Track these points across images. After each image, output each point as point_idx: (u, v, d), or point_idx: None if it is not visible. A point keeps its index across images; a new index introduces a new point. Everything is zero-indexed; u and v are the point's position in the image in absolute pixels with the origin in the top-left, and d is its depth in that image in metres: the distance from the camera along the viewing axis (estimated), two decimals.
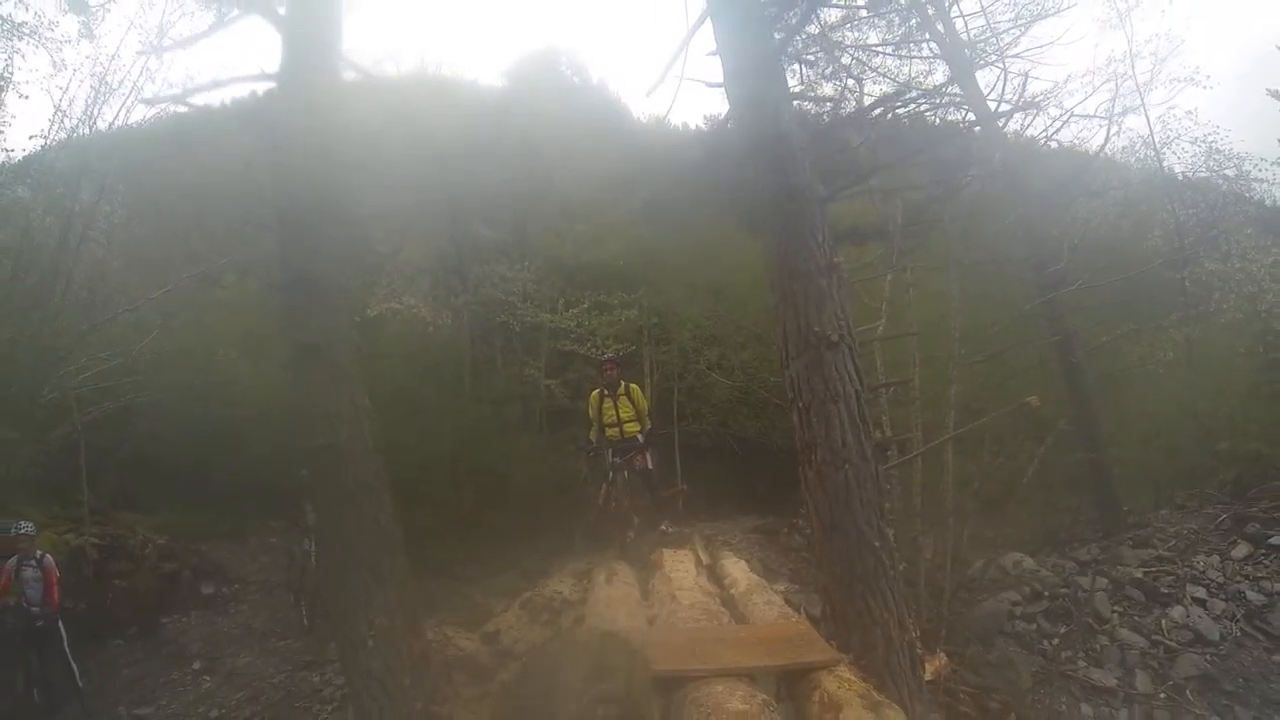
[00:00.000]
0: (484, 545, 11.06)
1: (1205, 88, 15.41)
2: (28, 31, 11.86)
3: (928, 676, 6.56)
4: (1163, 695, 8.73)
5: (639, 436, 8.65)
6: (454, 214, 16.92)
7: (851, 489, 5.14)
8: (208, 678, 8.50)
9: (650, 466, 8.67)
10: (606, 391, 8.68)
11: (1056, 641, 9.23)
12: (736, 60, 6.23)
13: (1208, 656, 9.29)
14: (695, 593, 4.95)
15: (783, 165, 5.61)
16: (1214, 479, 13.83)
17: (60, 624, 7.91)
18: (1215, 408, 14.47)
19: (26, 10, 11.97)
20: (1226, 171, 15.92)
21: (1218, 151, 15.97)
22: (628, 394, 8.67)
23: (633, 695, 3.10)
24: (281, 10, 6.89)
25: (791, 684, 3.56)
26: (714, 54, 6.58)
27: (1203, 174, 16.03)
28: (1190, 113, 15.76)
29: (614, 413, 8.60)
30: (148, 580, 10.08)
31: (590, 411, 8.82)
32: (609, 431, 8.63)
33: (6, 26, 11.66)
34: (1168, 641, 9.49)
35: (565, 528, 10.49)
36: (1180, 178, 16.16)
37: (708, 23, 6.78)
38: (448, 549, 10.45)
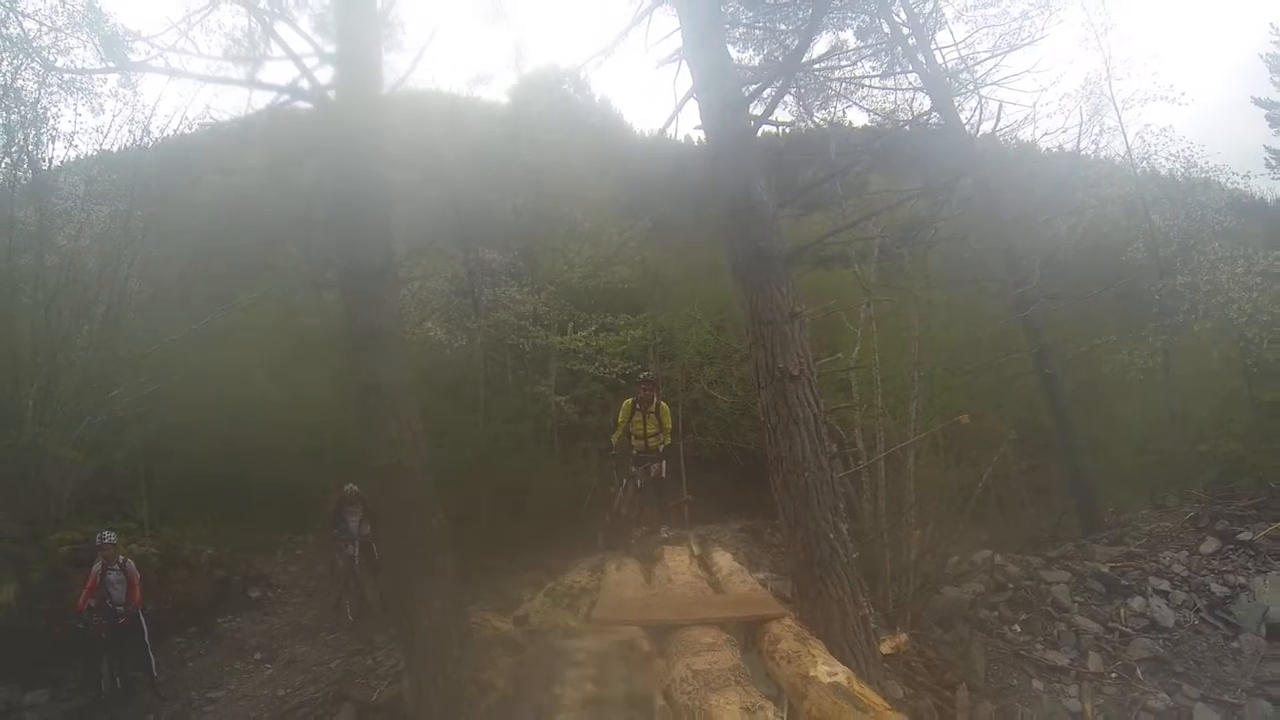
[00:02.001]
0: (502, 558, 12.55)
1: (1181, 104, 17.06)
2: (78, 88, 13.69)
3: (888, 650, 8.16)
4: (1114, 675, 10.29)
5: (660, 449, 9.79)
6: (465, 239, 18.50)
7: (810, 492, 6.78)
8: (269, 666, 10.23)
9: (664, 476, 9.87)
10: (639, 406, 9.56)
11: (1016, 627, 10.84)
12: (717, 139, 7.92)
13: (1160, 641, 10.88)
14: (686, 575, 6.55)
15: (753, 231, 7.27)
16: (1197, 479, 15.37)
17: (143, 620, 9.59)
18: (1196, 412, 15.99)
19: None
20: (1200, 174, 17.44)
21: (1194, 166, 17.54)
22: (657, 411, 9.60)
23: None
24: (331, 94, 8.60)
25: (751, 632, 5.16)
26: (699, 128, 8.30)
27: (1176, 188, 17.57)
28: (1165, 129, 17.37)
29: (642, 426, 9.54)
30: (203, 585, 11.82)
31: (620, 416, 9.70)
32: (634, 442, 9.59)
33: (63, 81, 13.40)
34: (1123, 628, 11.09)
35: (579, 538, 12.04)
36: (1157, 192, 17.70)
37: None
38: (470, 560, 11.96)
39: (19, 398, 12.68)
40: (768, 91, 9.57)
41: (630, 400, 9.68)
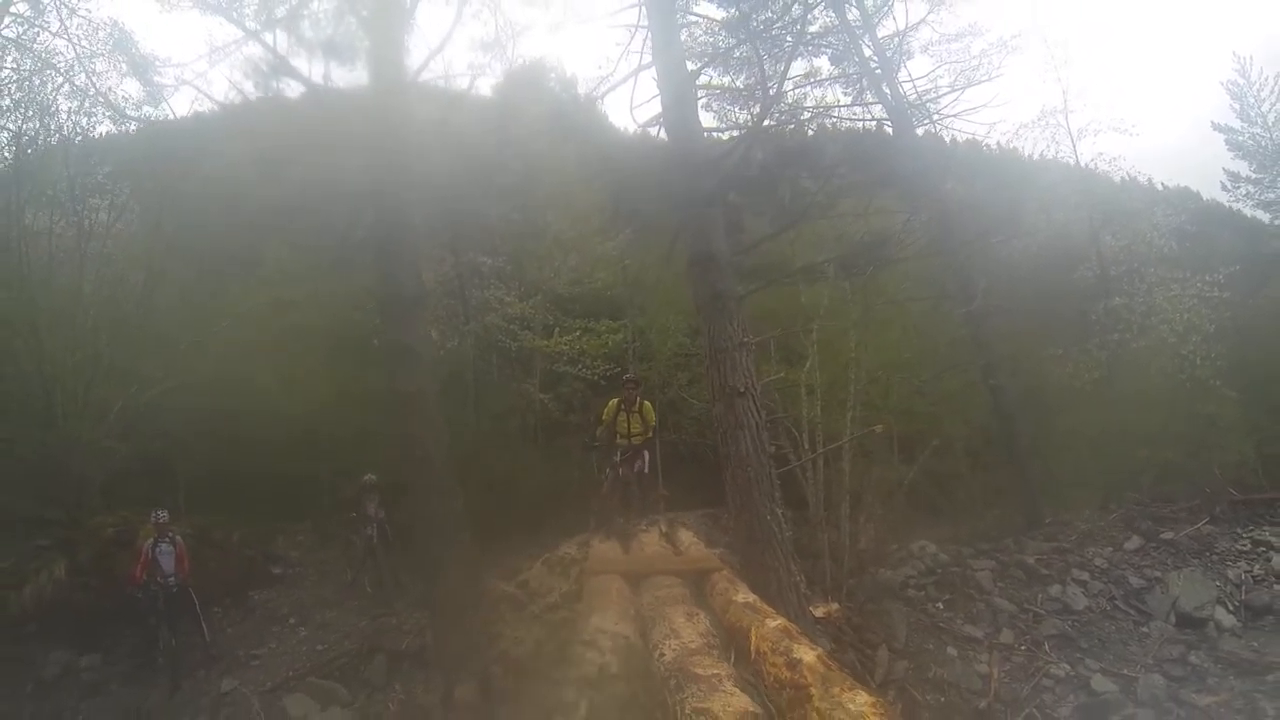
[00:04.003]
0: (496, 540, 15.00)
1: (1131, 135, 19.99)
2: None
3: (821, 614, 10.84)
4: (1023, 647, 12.86)
5: (643, 445, 10.50)
6: (455, 242, 20.80)
7: (752, 484, 9.46)
8: (303, 629, 12.80)
9: (648, 471, 10.62)
10: (624, 405, 10.24)
11: (940, 605, 13.54)
12: (686, 197, 10.56)
13: (1070, 622, 13.46)
14: (655, 545, 9.18)
15: (712, 277, 9.96)
16: (1137, 484, 18.09)
17: (191, 590, 11.98)
18: (1138, 422, 18.65)
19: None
20: (1144, 203, 20.34)
21: (1141, 191, 20.49)
22: (640, 410, 10.29)
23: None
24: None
25: (700, 583, 7.80)
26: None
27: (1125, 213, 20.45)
28: (1115, 159, 20.35)
29: (626, 425, 10.26)
30: (234, 563, 14.30)
31: (605, 415, 10.43)
32: (620, 440, 10.33)
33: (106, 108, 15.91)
34: (1037, 609, 13.72)
35: (562, 526, 14.55)
36: (1108, 215, 20.57)
37: None
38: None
39: (57, 395, 15.13)
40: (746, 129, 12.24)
41: (616, 400, 10.37)
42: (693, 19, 17.60)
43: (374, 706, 10.46)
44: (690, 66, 13.16)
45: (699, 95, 15.73)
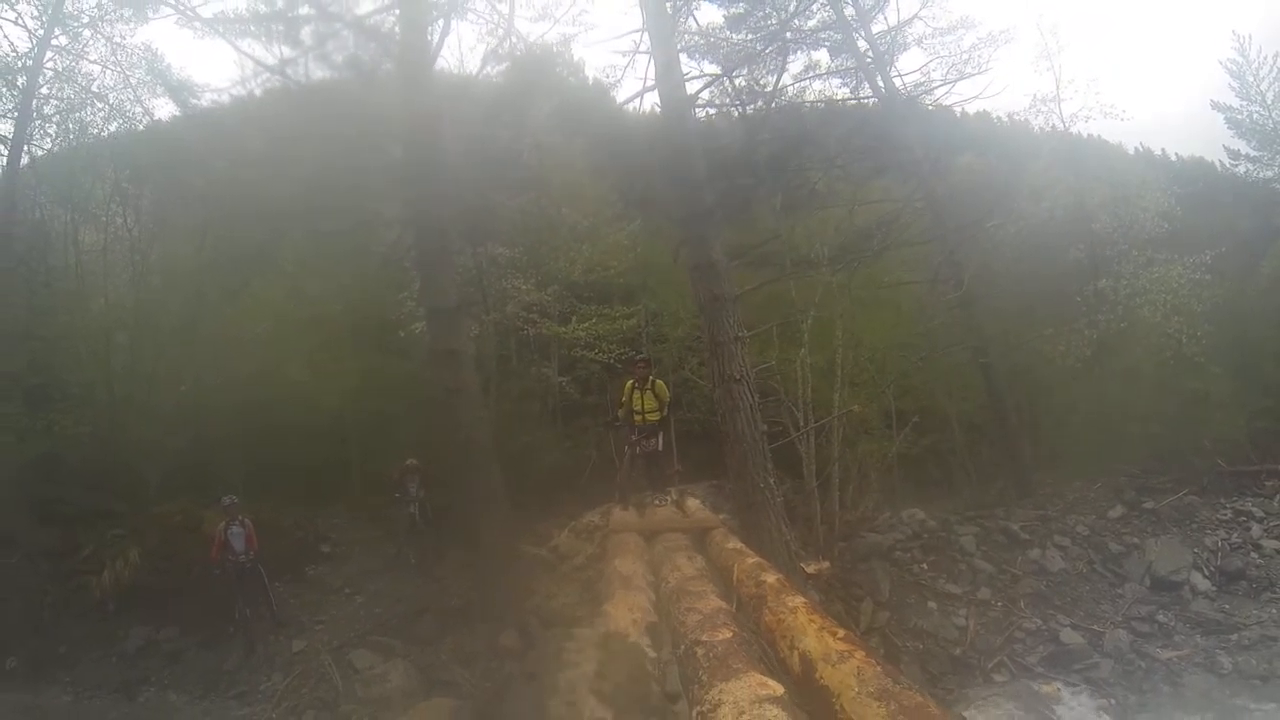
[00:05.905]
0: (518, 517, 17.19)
1: (1123, 119, 22.00)
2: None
3: (812, 571, 13.09)
4: (999, 604, 14.85)
5: (657, 423, 11.34)
6: (472, 235, 22.74)
7: (747, 457, 11.77)
8: (359, 597, 15.20)
9: (661, 449, 11.52)
10: (637, 385, 11.08)
11: (924, 565, 15.78)
12: (686, 211, 12.86)
13: (1045, 582, 15.48)
14: (666, 511, 11.52)
15: (711, 281, 12.25)
16: (1127, 458, 20.03)
17: (260, 566, 14.22)
18: (1128, 399, 20.55)
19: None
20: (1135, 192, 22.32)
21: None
22: (653, 388, 11.13)
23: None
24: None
25: (701, 538, 10.15)
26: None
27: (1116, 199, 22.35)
28: (1110, 144, 22.37)
29: (641, 402, 11.10)
30: (287, 543, 16.57)
31: (623, 396, 11.24)
32: (635, 418, 11.19)
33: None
34: (1015, 570, 15.72)
35: (581, 501, 16.81)
36: (1101, 198, 22.47)
37: None
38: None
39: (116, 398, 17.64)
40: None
41: (629, 381, 11.23)
42: (692, 38, 19.68)
43: (428, 657, 12.81)
44: (695, 66, 15.53)
45: (703, 94, 18.00)
